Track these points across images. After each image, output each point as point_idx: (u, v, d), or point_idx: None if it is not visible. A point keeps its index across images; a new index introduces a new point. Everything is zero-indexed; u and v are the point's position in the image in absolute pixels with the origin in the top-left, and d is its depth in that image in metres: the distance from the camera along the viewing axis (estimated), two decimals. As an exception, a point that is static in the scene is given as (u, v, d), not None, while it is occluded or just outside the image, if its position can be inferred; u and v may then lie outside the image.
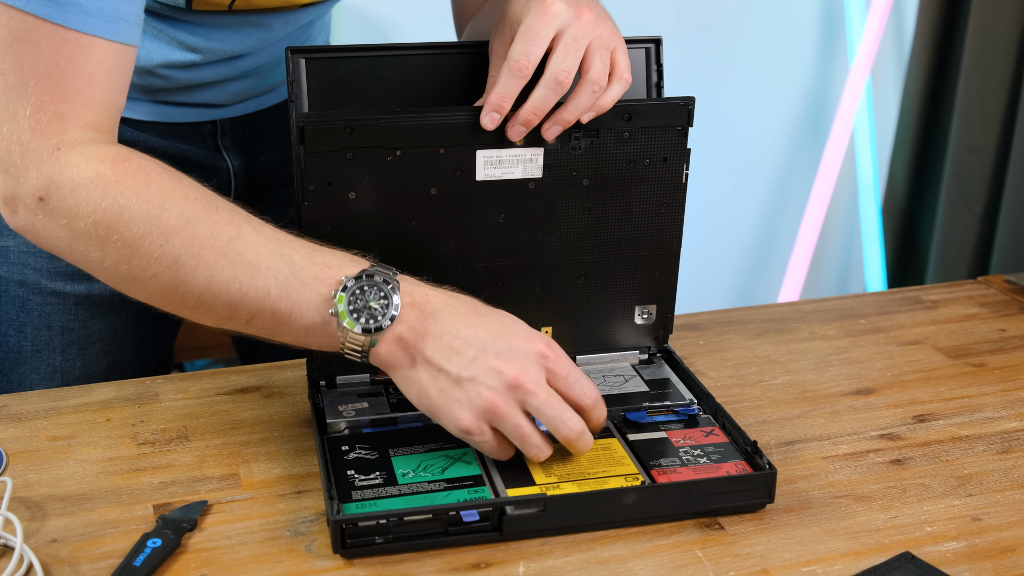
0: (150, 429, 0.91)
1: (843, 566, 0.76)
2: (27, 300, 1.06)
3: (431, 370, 0.78)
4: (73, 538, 0.77)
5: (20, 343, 1.07)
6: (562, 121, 0.86)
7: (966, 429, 0.93)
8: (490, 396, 0.76)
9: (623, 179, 0.91)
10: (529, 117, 0.85)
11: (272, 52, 1.08)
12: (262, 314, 0.78)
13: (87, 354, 1.09)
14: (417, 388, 0.78)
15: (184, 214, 0.78)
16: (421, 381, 0.78)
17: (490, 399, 0.76)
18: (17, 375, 1.08)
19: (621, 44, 0.87)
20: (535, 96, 0.84)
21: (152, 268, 0.78)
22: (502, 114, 0.85)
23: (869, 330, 1.11)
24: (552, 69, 0.83)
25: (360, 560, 0.76)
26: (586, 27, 0.84)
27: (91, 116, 0.80)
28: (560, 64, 0.83)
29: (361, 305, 0.77)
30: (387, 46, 0.91)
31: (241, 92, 1.11)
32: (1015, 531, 0.80)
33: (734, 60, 2.19)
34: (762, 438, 0.91)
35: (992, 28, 2.05)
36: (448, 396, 0.77)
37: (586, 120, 0.87)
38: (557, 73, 0.83)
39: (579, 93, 0.85)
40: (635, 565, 0.75)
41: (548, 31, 0.83)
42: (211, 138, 1.11)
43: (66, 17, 0.78)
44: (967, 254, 2.17)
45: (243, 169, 1.14)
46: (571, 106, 0.85)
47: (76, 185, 0.78)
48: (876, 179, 2.25)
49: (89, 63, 0.80)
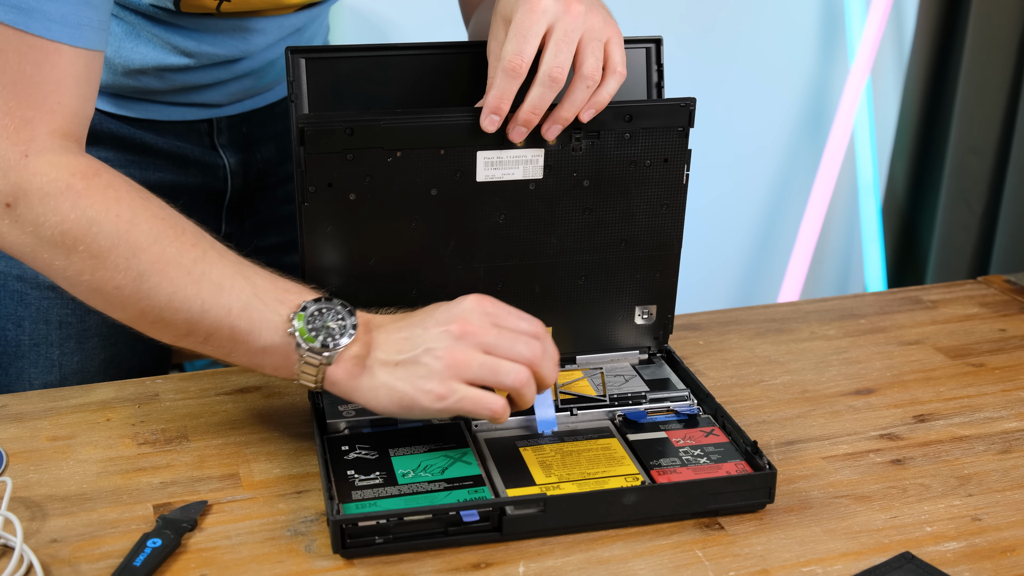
0: (150, 429, 0.91)
1: (843, 566, 0.76)
2: (25, 294, 1.06)
3: (388, 367, 0.79)
4: (73, 538, 0.77)
5: (18, 337, 1.08)
6: (560, 119, 0.86)
7: (966, 429, 0.93)
8: (446, 353, 0.78)
9: (624, 180, 0.91)
10: (528, 117, 0.85)
11: (267, 55, 1.08)
12: (221, 332, 0.79)
13: (84, 348, 1.09)
14: (384, 390, 0.79)
15: (152, 232, 0.79)
16: (384, 382, 0.79)
17: (447, 355, 0.78)
18: (16, 369, 1.09)
19: (615, 34, 0.86)
20: (532, 95, 0.84)
21: (116, 280, 0.79)
22: (501, 116, 0.85)
23: (869, 330, 1.11)
24: (545, 66, 0.83)
25: (360, 560, 0.76)
26: (576, 20, 0.83)
27: (58, 123, 0.81)
28: (552, 61, 0.83)
29: (320, 325, 0.79)
30: (387, 46, 0.91)
31: (238, 92, 1.11)
32: (1015, 531, 0.80)
33: (734, 60, 2.19)
34: (762, 438, 0.91)
35: (992, 28, 2.05)
36: (412, 378, 0.78)
37: (586, 118, 0.86)
38: (550, 70, 0.83)
39: (574, 90, 0.85)
40: (635, 565, 0.76)
41: (538, 28, 0.83)
42: (207, 136, 1.12)
43: (30, 24, 0.78)
44: (967, 254, 2.17)
45: (239, 167, 1.14)
46: (567, 103, 0.85)
47: (45, 195, 0.79)
48: (876, 179, 2.25)
49: (55, 70, 0.80)
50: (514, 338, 0.79)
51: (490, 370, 0.78)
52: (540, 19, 0.83)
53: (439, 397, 0.77)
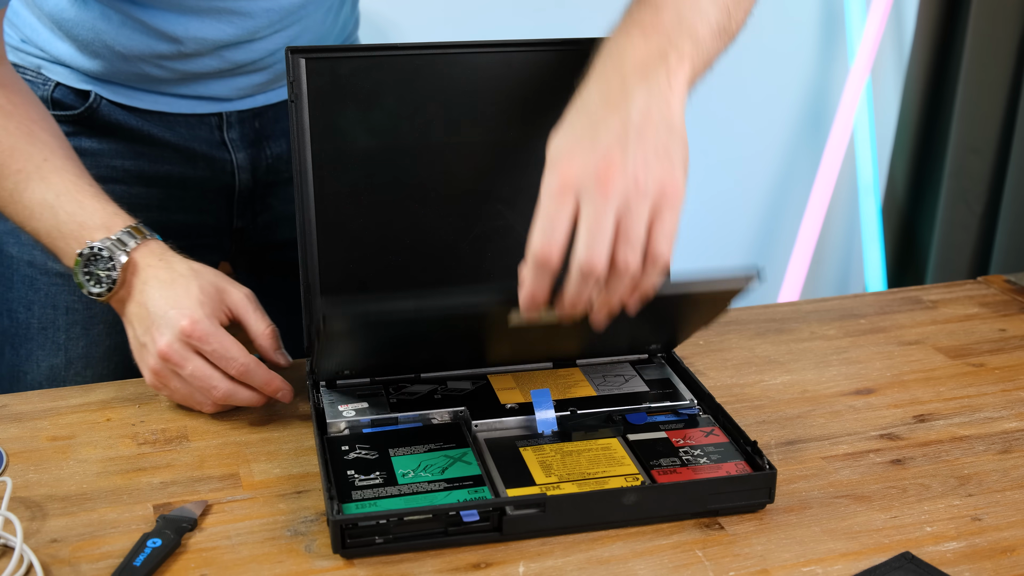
0: (150, 429, 0.91)
1: (843, 566, 0.76)
2: (35, 280, 1.10)
3: (128, 322, 0.92)
4: (73, 538, 0.77)
5: (28, 320, 1.11)
6: (605, 308, 0.75)
7: (966, 429, 0.93)
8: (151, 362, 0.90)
9: None
10: (570, 310, 0.75)
11: (265, 47, 1.08)
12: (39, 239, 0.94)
13: (90, 334, 1.11)
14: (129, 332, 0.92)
15: None
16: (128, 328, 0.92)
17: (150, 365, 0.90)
18: (26, 350, 1.12)
19: (668, 192, 0.72)
20: (568, 288, 0.73)
21: None
22: (540, 308, 0.75)
23: (869, 330, 1.11)
24: (576, 262, 0.71)
25: (360, 560, 0.76)
26: (610, 196, 0.71)
27: None
28: (584, 255, 0.71)
29: (91, 271, 0.91)
30: (387, 46, 0.91)
31: (246, 87, 1.11)
32: (1015, 531, 0.80)
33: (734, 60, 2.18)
34: (762, 438, 0.91)
35: (992, 28, 2.05)
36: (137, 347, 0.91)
37: (632, 311, 0.75)
38: (581, 266, 0.71)
39: (612, 282, 0.73)
40: (635, 565, 0.76)
41: (566, 210, 0.72)
42: (217, 130, 1.12)
43: None
44: (967, 254, 2.17)
45: (247, 162, 1.15)
46: (609, 293, 0.74)
47: None
48: (876, 179, 2.25)
49: None
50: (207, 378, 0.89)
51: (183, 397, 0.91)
52: (568, 199, 0.72)
53: (153, 384, 0.91)
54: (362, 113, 0.90)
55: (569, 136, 0.75)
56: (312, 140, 0.90)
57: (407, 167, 0.92)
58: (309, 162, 0.90)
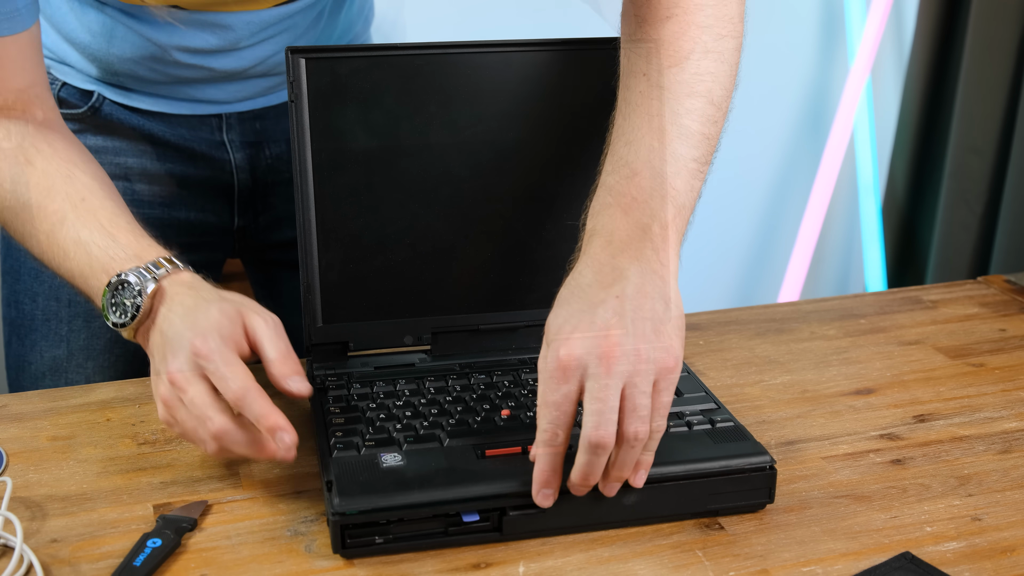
0: (150, 429, 0.91)
1: (843, 566, 0.76)
2: (40, 272, 1.12)
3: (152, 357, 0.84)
4: (73, 538, 0.77)
5: (33, 311, 1.13)
6: (613, 480, 0.76)
7: (966, 429, 0.93)
8: (161, 391, 0.80)
9: None
10: (580, 487, 0.76)
11: (253, 55, 1.08)
12: (73, 281, 0.90)
13: (92, 327, 1.12)
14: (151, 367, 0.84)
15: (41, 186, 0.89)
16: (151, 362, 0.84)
17: (161, 394, 0.81)
18: (30, 340, 1.13)
19: (668, 364, 0.74)
20: (579, 463, 0.74)
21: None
22: (554, 489, 0.76)
23: (869, 330, 1.11)
24: (586, 439, 0.73)
25: (360, 560, 0.76)
26: (615, 372, 0.72)
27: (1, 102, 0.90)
28: (594, 432, 0.72)
29: (118, 300, 0.85)
30: (387, 46, 0.91)
31: (241, 93, 1.11)
32: (1015, 531, 0.80)
33: (734, 60, 2.18)
34: (762, 438, 0.91)
35: (992, 28, 2.05)
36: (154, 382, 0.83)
37: (638, 483, 0.77)
38: (593, 441, 0.72)
39: (622, 453, 0.75)
40: (635, 565, 0.76)
41: (569, 388, 0.73)
42: (217, 131, 1.13)
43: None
44: (967, 254, 2.17)
45: (246, 163, 1.15)
46: (618, 465, 0.75)
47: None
48: (876, 179, 2.25)
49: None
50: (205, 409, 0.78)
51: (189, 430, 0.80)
52: (571, 378, 0.73)
53: (165, 420, 0.80)
54: (362, 113, 0.91)
55: (566, 315, 0.75)
56: (312, 140, 0.90)
57: (407, 167, 0.92)
58: (309, 162, 0.90)
